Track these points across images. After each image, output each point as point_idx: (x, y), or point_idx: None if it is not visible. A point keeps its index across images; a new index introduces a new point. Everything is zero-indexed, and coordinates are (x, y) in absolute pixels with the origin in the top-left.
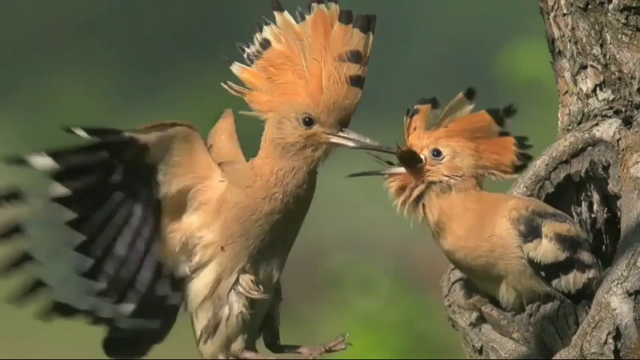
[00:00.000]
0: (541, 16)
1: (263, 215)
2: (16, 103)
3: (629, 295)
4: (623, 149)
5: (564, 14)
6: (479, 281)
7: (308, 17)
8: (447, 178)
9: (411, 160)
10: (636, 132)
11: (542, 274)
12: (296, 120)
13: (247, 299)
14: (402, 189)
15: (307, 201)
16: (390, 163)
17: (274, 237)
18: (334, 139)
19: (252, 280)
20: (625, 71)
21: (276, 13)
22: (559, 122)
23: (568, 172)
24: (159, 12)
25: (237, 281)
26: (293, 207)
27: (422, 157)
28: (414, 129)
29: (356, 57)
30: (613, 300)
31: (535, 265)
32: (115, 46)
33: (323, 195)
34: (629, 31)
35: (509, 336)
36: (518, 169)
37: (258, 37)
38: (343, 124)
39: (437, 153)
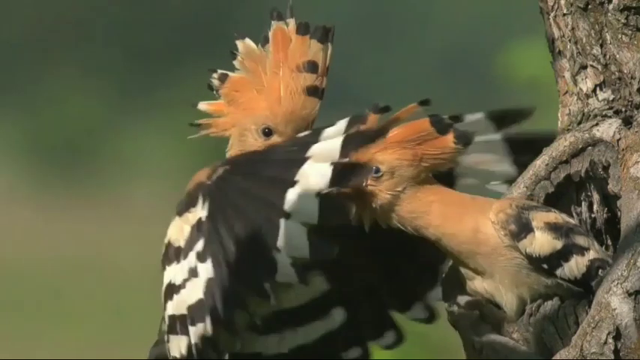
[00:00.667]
0: (541, 16)
1: None
2: (15, 104)
3: (629, 295)
4: (623, 149)
5: (564, 14)
6: (476, 274)
7: (269, 34)
8: (389, 195)
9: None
10: (636, 132)
11: (545, 266)
12: (256, 131)
13: None
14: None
15: None
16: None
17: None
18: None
19: None
20: (625, 71)
21: (237, 42)
22: (559, 122)
23: (568, 172)
24: (159, 13)
25: None
26: None
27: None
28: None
29: (312, 67)
30: (613, 300)
31: (535, 260)
32: (115, 46)
33: None
34: (629, 31)
35: (509, 336)
36: (462, 148)
37: (215, 74)
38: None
39: (376, 170)
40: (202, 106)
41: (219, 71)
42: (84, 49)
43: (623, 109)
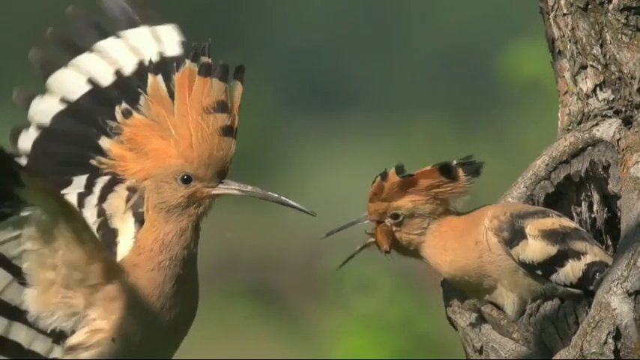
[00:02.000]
0: (541, 16)
1: (157, 293)
2: (14, 104)
3: (629, 295)
4: (623, 149)
5: (564, 14)
6: (484, 295)
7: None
8: (414, 235)
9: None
10: (636, 132)
11: (539, 272)
12: (174, 181)
13: None
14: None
15: (194, 263)
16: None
17: (167, 321)
18: (216, 191)
19: None
20: (625, 71)
21: (150, 75)
22: (559, 122)
23: (568, 172)
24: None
25: None
26: (182, 271)
27: (387, 229)
28: (374, 194)
29: (222, 107)
30: (613, 300)
31: (528, 266)
32: None
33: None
34: (629, 31)
35: (509, 336)
36: (472, 179)
37: (118, 108)
38: (221, 175)
39: (395, 216)
40: (105, 143)
41: (124, 105)
42: None
43: (623, 109)
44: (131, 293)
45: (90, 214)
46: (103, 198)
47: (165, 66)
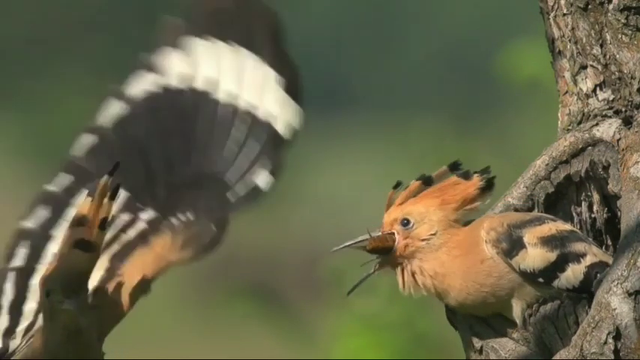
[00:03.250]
0: (541, 16)
1: None
2: (15, 104)
3: (629, 295)
4: (623, 149)
5: (564, 14)
6: (490, 311)
7: None
8: (424, 243)
9: (382, 250)
10: (636, 132)
11: (540, 280)
12: (41, 294)
13: None
14: (400, 274)
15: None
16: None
17: None
18: (65, 306)
19: None
20: (625, 71)
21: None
22: (559, 122)
23: (568, 172)
24: (159, 13)
25: None
26: None
27: (393, 238)
28: (391, 204)
29: (80, 220)
30: (613, 300)
31: (529, 275)
32: (116, 46)
33: (322, 195)
34: (629, 31)
35: (509, 336)
36: (486, 191)
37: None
38: (76, 287)
39: (406, 222)
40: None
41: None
42: (85, 49)
43: (623, 109)
44: None
45: None
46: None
47: None
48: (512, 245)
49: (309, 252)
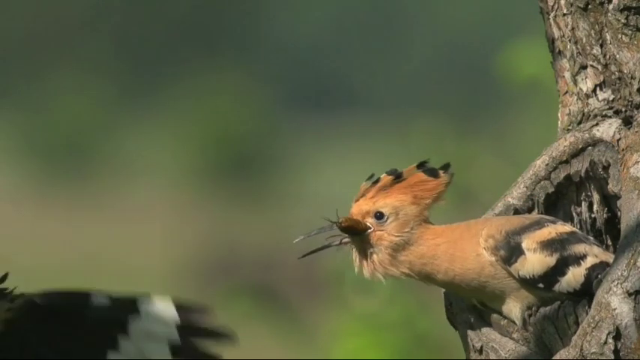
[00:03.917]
0: (541, 16)
1: None
2: (15, 104)
3: (629, 295)
4: (623, 149)
5: (564, 14)
6: (487, 301)
7: None
8: (398, 238)
9: (354, 229)
10: (636, 132)
11: (541, 285)
12: None
13: None
14: (363, 258)
15: None
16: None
17: None
18: None
19: None
20: (625, 71)
21: None
22: (559, 122)
23: (568, 172)
24: (159, 12)
25: None
26: None
27: (368, 226)
28: (361, 196)
29: None
30: (613, 300)
31: (529, 281)
32: (115, 47)
33: (322, 196)
34: (629, 31)
35: (509, 336)
36: (449, 182)
37: None
38: None
39: (380, 215)
40: None
41: None
42: (84, 49)
43: (623, 109)
44: None
45: None
46: None
47: None
48: (510, 252)
49: None
